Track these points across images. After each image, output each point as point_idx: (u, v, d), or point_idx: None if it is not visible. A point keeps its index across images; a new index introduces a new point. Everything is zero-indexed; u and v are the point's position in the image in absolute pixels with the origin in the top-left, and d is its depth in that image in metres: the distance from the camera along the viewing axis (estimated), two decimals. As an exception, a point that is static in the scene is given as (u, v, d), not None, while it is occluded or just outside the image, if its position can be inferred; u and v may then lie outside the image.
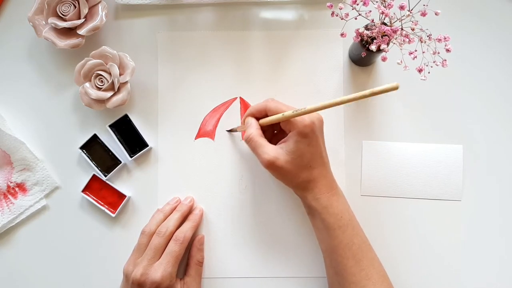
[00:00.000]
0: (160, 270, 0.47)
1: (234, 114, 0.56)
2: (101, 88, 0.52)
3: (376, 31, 0.44)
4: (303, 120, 0.45)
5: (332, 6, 0.45)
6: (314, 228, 0.50)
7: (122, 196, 0.54)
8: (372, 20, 0.46)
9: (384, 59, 0.45)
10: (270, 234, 0.54)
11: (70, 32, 0.54)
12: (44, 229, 0.55)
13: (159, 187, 0.55)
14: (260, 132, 0.48)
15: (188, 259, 0.53)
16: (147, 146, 0.54)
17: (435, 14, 0.42)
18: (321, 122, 0.47)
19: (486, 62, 0.56)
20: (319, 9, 0.56)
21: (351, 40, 0.50)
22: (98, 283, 0.54)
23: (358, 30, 0.45)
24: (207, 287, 0.54)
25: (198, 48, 0.56)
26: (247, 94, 0.56)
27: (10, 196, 0.55)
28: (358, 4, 0.44)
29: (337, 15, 0.45)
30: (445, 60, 0.43)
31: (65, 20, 0.53)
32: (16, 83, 0.57)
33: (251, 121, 0.49)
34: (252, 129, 0.48)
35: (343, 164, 0.54)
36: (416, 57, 0.44)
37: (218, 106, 0.56)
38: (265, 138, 0.48)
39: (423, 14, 0.42)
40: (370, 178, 0.54)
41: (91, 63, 0.52)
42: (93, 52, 0.53)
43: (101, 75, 0.52)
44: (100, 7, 0.53)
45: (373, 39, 0.45)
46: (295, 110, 0.44)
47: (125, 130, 0.55)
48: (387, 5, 0.43)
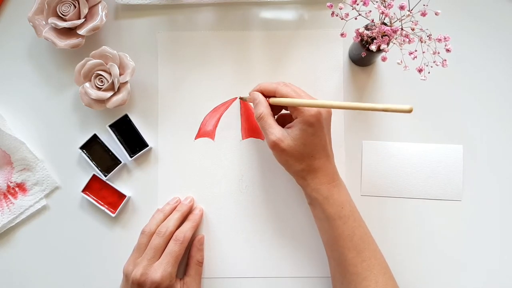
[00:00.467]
0: (160, 270, 0.47)
1: (234, 114, 0.56)
2: (101, 88, 0.52)
3: (376, 31, 0.44)
4: (310, 109, 0.45)
5: (332, 6, 0.45)
6: (315, 219, 0.49)
7: (122, 196, 0.54)
8: (372, 20, 0.46)
9: (384, 59, 0.45)
10: (271, 234, 0.54)
11: (70, 32, 0.54)
12: (44, 229, 0.55)
13: (159, 187, 0.55)
14: (270, 111, 0.48)
15: (188, 259, 0.53)
16: (147, 146, 0.54)
17: (435, 14, 0.42)
18: (329, 114, 0.47)
19: (486, 62, 0.56)
20: (319, 9, 0.56)
21: (351, 40, 0.50)
22: (98, 283, 0.54)
23: (358, 30, 0.45)
24: (207, 287, 0.54)
25: (198, 48, 0.56)
26: (247, 94, 0.56)
27: (10, 196, 0.55)
28: (358, 4, 0.44)
29: (337, 15, 0.45)
30: (445, 60, 0.43)
31: (65, 20, 0.53)
32: (16, 83, 0.57)
33: (261, 98, 0.49)
34: (262, 107, 0.48)
35: (343, 164, 0.54)
36: (416, 57, 0.44)
37: (218, 106, 0.56)
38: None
39: (423, 14, 0.42)
40: (370, 178, 0.54)
41: (91, 63, 0.52)
42: (93, 52, 0.53)
43: (101, 75, 0.52)
44: (100, 7, 0.53)
45: (373, 39, 0.45)
46: (308, 99, 0.45)
47: (125, 130, 0.55)
48: (387, 5, 0.43)
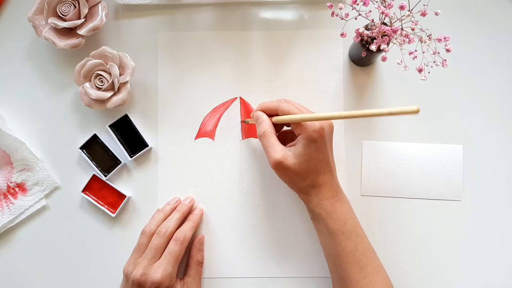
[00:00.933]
0: (160, 270, 0.47)
1: (234, 114, 0.56)
2: (101, 88, 0.52)
3: (376, 31, 0.44)
4: (313, 125, 0.45)
5: (332, 6, 0.45)
6: (317, 233, 0.49)
7: (122, 196, 0.54)
8: (372, 20, 0.46)
9: (384, 59, 0.45)
10: (271, 234, 0.54)
11: (70, 32, 0.54)
12: (44, 229, 0.55)
13: (159, 187, 0.55)
14: (273, 130, 0.47)
15: (188, 259, 0.53)
16: (147, 146, 0.54)
17: (435, 14, 0.42)
18: (331, 128, 0.47)
19: (486, 62, 0.56)
20: (319, 9, 0.56)
21: (351, 40, 0.50)
22: (98, 283, 0.54)
23: (358, 30, 0.45)
24: (207, 287, 0.54)
25: (198, 48, 0.56)
26: (247, 94, 0.56)
27: (10, 196, 0.55)
28: (358, 4, 0.44)
29: (337, 15, 0.45)
30: (445, 60, 0.43)
31: (65, 20, 0.53)
32: (16, 83, 0.57)
33: (264, 117, 0.48)
34: (266, 125, 0.47)
35: (343, 164, 0.54)
36: (416, 57, 0.44)
37: (218, 106, 0.56)
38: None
39: (423, 14, 0.42)
40: (370, 178, 0.54)
41: (91, 63, 0.52)
42: (93, 52, 0.53)
43: (101, 75, 0.52)
44: (100, 7, 0.53)
45: (373, 39, 0.45)
46: (310, 114, 0.45)
47: (125, 130, 0.55)
48: (387, 5, 0.43)
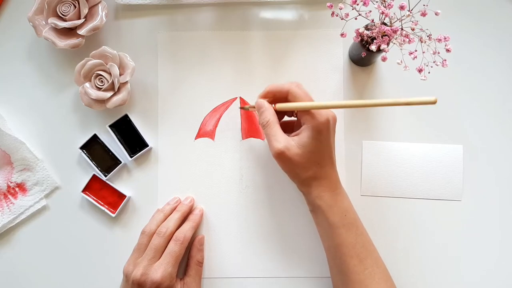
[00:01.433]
0: (160, 270, 0.47)
1: (234, 114, 0.56)
2: (101, 88, 0.52)
3: (376, 31, 0.44)
4: (320, 117, 0.45)
5: (332, 6, 0.45)
6: (317, 226, 0.49)
7: (122, 196, 0.54)
8: (372, 20, 0.46)
9: (384, 59, 0.45)
10: (271, 234, 0.54)
11: (70, 32, 0.54)
12: (44, 229, 0.55)
13: (159, 187, 0.55)
14: (276, 119, 0.47)
15: (188, 259, 0.53)
16: (147, 146, 0.54)
17: (435, 14, 0.42)
18: (335, 120, 0.47)
19: (486, 62, 0.56)
20: (319, 9, 0.56)
21: (351, 40, 0.50)
22: (98, 283, 0.54)
23: (358, 30, 0.45)
24: (207, 287, 0.54)
25: (198, 48, 0.56)
26: (247, 94, 0.56)
27: (10, 196, 0.55)
28: (358, 4, 0.44)
29: (337, 15, 0.45)
30: (445, 60, 0.43)
31: (65, 20, 0.53)
32: (16, 83, 0.57)
33: (267, 105, 0.47)
34: (269, 114, 0.47)
35: (343, 164, 0.54)
36: (416, 57, 0.44)
37: (218, 106, 0.56)
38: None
39: (423, 14, 0.42)
40: (370, 178, 0.54)
41: (91, 63, 0.52)
42: (93, 52, 0.53)
43: (101, 75, 0.52)
44: (100, 7, 0.53)
45: (373, 39, 0.45)
46: (319, 102, 0.44)
47: (125, 130, 0.55)
48: (387, 5, 0.43)
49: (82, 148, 0.55)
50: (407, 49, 0.44)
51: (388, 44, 0.44)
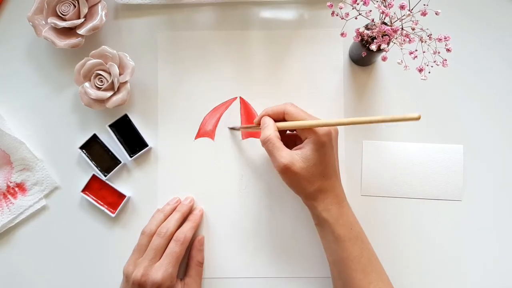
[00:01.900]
0: (160, 270, 0.47)
1: (234, 114, 0.56)
2: (100, 88, 0.52)
3: (376, 30, 0.44)
4: (322, 129, 0.45)
5: (332, 6, 0.45)
6: (322, 239, 0.49)
7: (122, 196, 0.54)
8: (373, 20, 0.45)
9: (384, 59, 0.45)
10: (271, 234, 0.54)
11: (69, 31, 0.54)
12: (43, 229, 0.55)
13: (159, 187, 0.55)
14: (278, 134, 0.47)
15: (188, 260, 0.53)
16: (147, 146, 0.54)
17: (436, 14, 0.42)
18: (336, 132, 0.47)
19: (487, 62, 0.56)
20: (319, 8, 0.56)
21: (351, 39, 0.50)
22: (98, 283, 0.54)
23: (358, 30, 0.45)
24: (207, 287, 0.54)
25: (198, 48, 0.56)
26: (247, 93, 0.56)
27: (9, 196, 0.55)
28: (358, 4, 0.44)
29: (337, 15, 0.45)
30: (445, 60, 0.43)
31: (64, 20, 0.53)
32: (16, 83, 0.56)
33: (269, 122, 0.48)
34: (270, 130, 0.47)
35: (343, 164, 0.54)
36: (416, 57, 0.44)
37: (218, 106, 0.56)
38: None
39: (424, 14, 0.42)
40: (370, 178, 0.54)
41: (91, 63, 0.52)
42: (92, 51, 0.53)
43: (100, 74, 0.52)
44: (99, 6, 0.53)
45: (373, 38, 0.45)
46: (316, 119, 0.45)
47: (125, 130, 0.55)
48: (387, 4, 0.43)
49: (81, 148, 0.54)
50: (408, 48, 0.44)
51: (388, 43, 0.44)
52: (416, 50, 0.44)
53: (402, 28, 0.43)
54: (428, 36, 0.43)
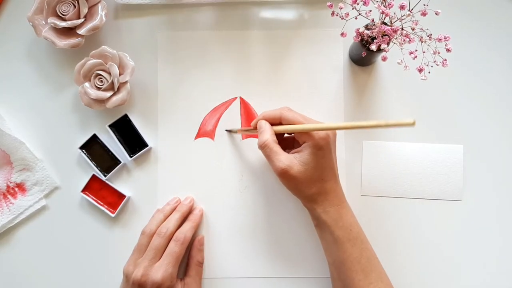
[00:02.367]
0: (160, 270, 0.47)
1: (234, 114, 0.56)
2: (100, 88, 0.52)
3: (376, 30, 0.44)
4: (319, 132, 0.45)
5: (332, 6, 0.45)
6: (321, 241, 0.49)
7: (121, 196, 0.54)
8: (373, 20, 0.46)
9: (384, 59, 0.45)
10: (270, 233, 0.54)
11: (69, 31, 0.54)
12: (43, 229, 0.55)
13: (159, 187, 0.55)
14: (275, 138, 0.47)
15: (188, 260, 0.53)
16: (147, 146, 0.54)
17: (436, 14, 0.42)
18: (335, 135, 0.47)
19: (487, 62, 0.56)
20: (319, 8, 0.56)
21: (351, 39, 0.50)
22: (98, 283, 0.54)
23: (358, 30, 0.45)
24: (207, 287, 0.54)
25: (198, 48, 0.56)
26: (247, 93, 0.56)
27: (9, 196, 0.55)
28: (358, 4, 0.44)
29: (337, 15, 0.45)
30: (445, 60, 0.43)
31: (64, 20, 0.53)
32: (16, 83, 0.56)
33: (266, 126, 0.48)
34: (267, 134, 0.47)
35: (343, 164, 0.54)
36: (416, 57, 0.44)
37: (218, 106, 0.56)
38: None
39: (424, 14, 0.42)
40: (370, 178, 0.54)
41: (91, 63, 0.52)
42: (92, 51, 0.53)
43: (100, 75, 0.52)
44: (99, 6, 0.53)
45: (373, 38, 0.45)
46: (313, 123, 0.45)
47: (125, 130, 0.55)
48: (387, 4, 0.43)
49: (81, 148, 0.54)
50: (407, 48, 0.44)
51: (388, 43, 0.44)
52: (416, 50, 0.44)
53: (402, 28, 0.43)
54: (428, 36, 0.43)
